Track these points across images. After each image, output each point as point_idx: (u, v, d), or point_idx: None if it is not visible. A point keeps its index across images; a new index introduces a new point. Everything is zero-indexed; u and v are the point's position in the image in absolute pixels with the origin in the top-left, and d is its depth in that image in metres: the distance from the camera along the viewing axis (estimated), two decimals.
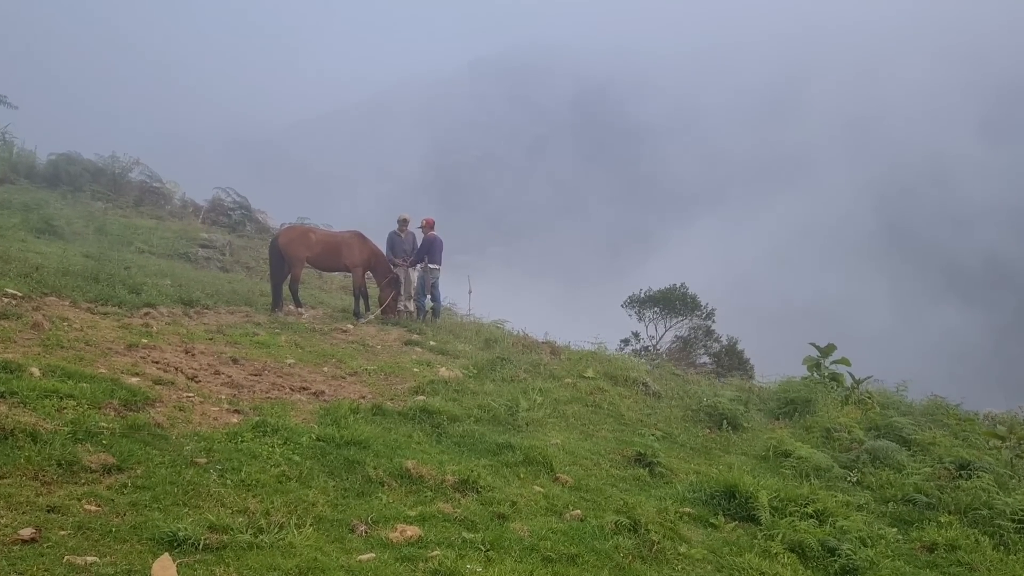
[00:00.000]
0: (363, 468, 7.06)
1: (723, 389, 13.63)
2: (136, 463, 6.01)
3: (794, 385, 14.15)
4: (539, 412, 10.37)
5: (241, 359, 10.94)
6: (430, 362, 12.80)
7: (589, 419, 10.94)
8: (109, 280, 13.91)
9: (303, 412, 8.82)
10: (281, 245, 15.19)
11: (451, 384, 11.19)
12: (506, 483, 7.65)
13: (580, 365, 14.01)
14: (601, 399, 11.91)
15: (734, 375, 26.52)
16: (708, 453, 10.23)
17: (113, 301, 12.76)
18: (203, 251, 22.18)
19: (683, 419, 11.75)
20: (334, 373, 11.25)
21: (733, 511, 7.77)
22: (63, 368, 7.85)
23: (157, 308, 13.22)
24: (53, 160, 27.14)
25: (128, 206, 26.28)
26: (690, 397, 13.14)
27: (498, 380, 12.04)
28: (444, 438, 8.71)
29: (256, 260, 23.74)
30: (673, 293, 33.50)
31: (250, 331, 12.87)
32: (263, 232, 28.67)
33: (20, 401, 6.70)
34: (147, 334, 11.10)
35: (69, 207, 23.18)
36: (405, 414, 9.20)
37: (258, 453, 6.86)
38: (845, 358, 16.57)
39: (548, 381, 12.49)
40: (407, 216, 17.10)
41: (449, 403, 10.02)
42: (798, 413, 12.90)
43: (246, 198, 30.05)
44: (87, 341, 9.62)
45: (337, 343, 13.42)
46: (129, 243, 20.41)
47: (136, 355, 9.76)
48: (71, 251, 16.99)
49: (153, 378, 8.78)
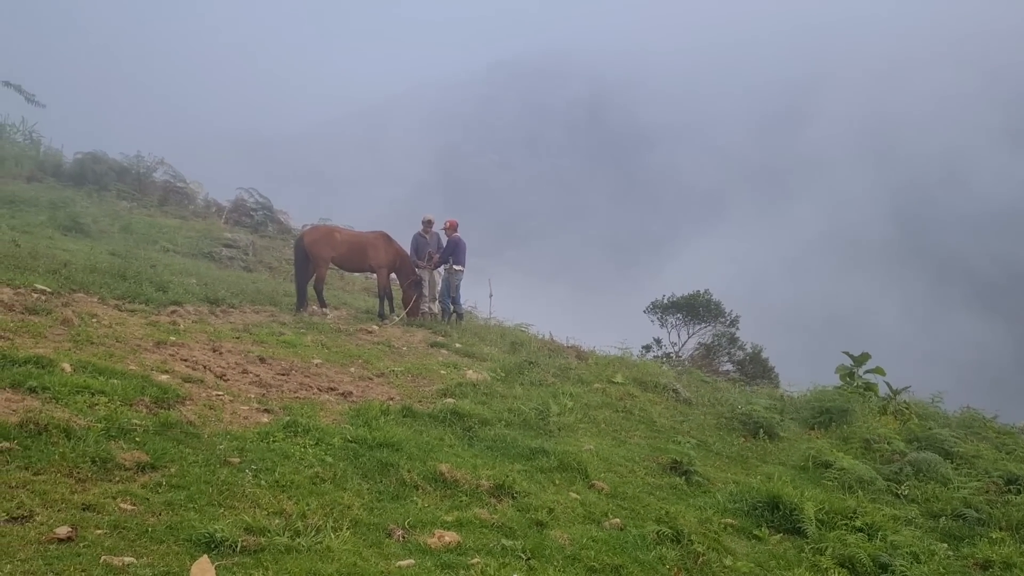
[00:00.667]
0: (397, 471, 6.88)
1: (756, 397, 13.34)
2: (170, 461, 5.86)
3: (828, 394, 13.83)
4: (570, 417, 10.16)
5: (268, 358, 10.81)
6: (456, 364, 12.63)
7: (620, 425, 10.72)
8: (136, 278, 13.86)
9: (333, 413, 8.66)
10: (306, 244, 15.08)
11: (479, 387, 11.01)
12: (541, 489, 7.45)
13: (608, 370, 13.78)
14: (632, 405, 11.68)
15: (759, 383, 26.21)
16: (744, 462, 9.97)
17: (140, 298, 12.69)
18: (227, 251, 22.16)
19: (716, 427, 11.50)
20: (361, 374, 11.10)
21: (777, 523, 7.52)
22: (94, 364, 7.74)
23: (184, 306, 13.13)
24: (79, 159, 27.25)
25: (152, 205, 26.34)
26: (722, 404, 12.88)
27: (526, 384, 11.84)
28: (476, 441, 8.52)
29: (279, 260, 23.71)
30: (697, 299, 33.16)
31: (276, 330, 12.76)
32: (285, 233, 28.65)
33: (52, 396, 6.59)
34: (175, 332, 11.00)
35: (95, 205, 23.25)
36: (435, 416, 9.02)
37: (291, 453, 6.70)
38: (879, 367, 16.24)
39: (577, 386, 12.28)
40: (431, 217, 16.94)
41: (479, 406, 9.83)
42: (834, 423, 12.60)
43: (268, 199, 30.03)
44: (116, 337, 9.52)
45: (363, 344, 13.28)
46: (154, 242, 20.41)
47: (165, 352, 9.65)
48: (98, 249, 16.98)
49: (183, 376, 8.66)
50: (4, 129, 29.80)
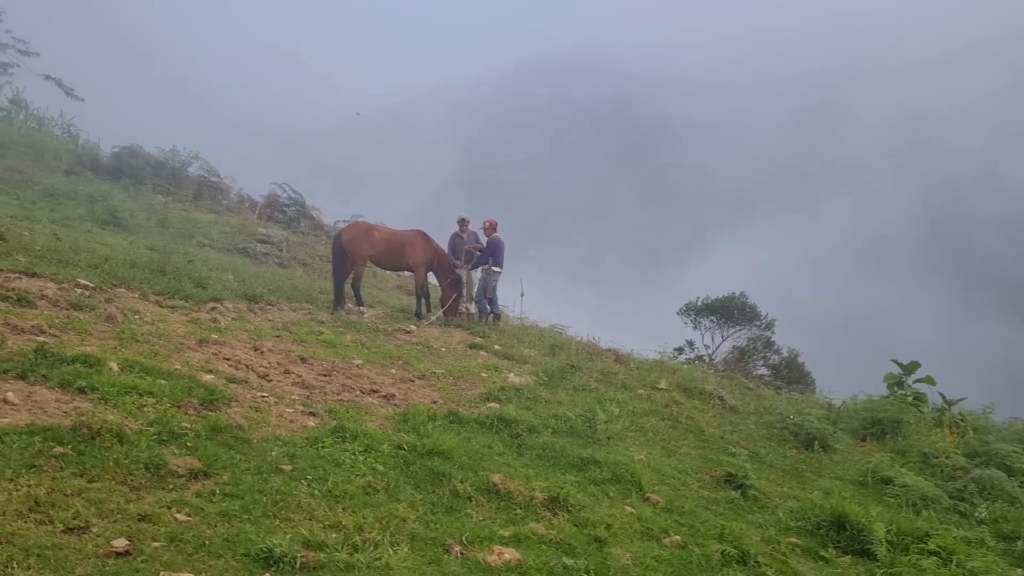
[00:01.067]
0: (449, 481, 6.66)
1: (806, 406, 12.96)
2: (222, 468, 5.67)
3: (879, 404, 13.44)
4: (617, 425, 9.89)
5: (309, 358, 10.65)
6: (497, 367, 12.39)
7: (668, 434, 10.42)
8: (175, 273, 13.77)
9: (378, 417, 8.46)
10: (344, 242, 14.89)
11: (523, 391, 10.77)
12: (596, 502, 7.19)
13: (651, 375, 13.48)
14: (678, 413, 11.38)
15: (795, 388, 25.71)
16: (799, 476, 9.63)
17: (180, 294, 12.59)
18: (261, 246, 22.09)
19: (766, 437, 11.16)
20: (402, 375, 10.91)
21: (844, 544, 7.19)
22: (140, 363, 7.60)
23: (223, 303, 13.02)
24: (116, 153, 27.33)
25: (187, 200, 26.34)
26: (769, 413, 12.54)
27: (569, 389, 11.59)
28: (525, 450, 8.27)
29: (312, 257, 23.61)
30: (731, 302, 32.63)
31: (315, 329, 12.60)
32: (317, 229, 28.59)
33: (102, 397, 6.44)
34: (216, 329, 10.87)
35: (132, 199, 23.28)
36: (482, 422, 8.79)
37: (341, 461, 6.50)
38: (930, 377, 15.73)
39: (620, 391, 11.99)
40: (467, 216, 16.66)
41: (524, 412, 9.60)
42: (887, 434, 12.21)
43: (301, 194, 29.98)
44: (159, 335, 9.39)
45: (401, 344, 13.10)
46: (190, 236, 20.39)
47: (208, 351, 9.52)
48: (136, 243, 16.96)
49: (227, 376, 8.51)
50: (43, 122, 30.05)
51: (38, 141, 26.73)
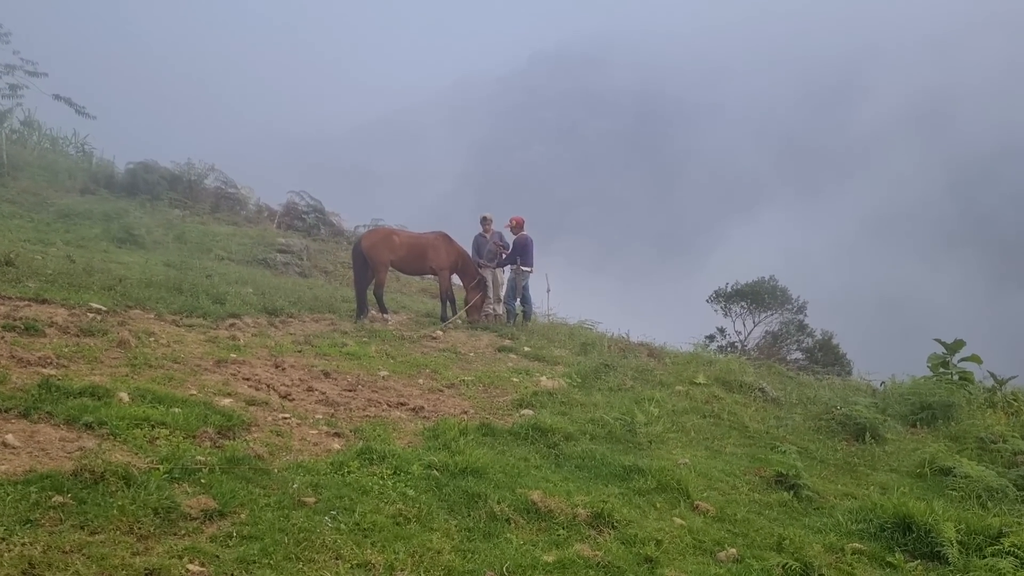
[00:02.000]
0: (485, 502, 6.21)
1: (853, 394, 12.36)
2: (239, 506, 5.26)
3: (927, 386, 12.81)
4: (658, 426, 9.39)
5: (333, 372, 10.27)
6: (528, 370, 11.95)
7: (711, 432, 9.91)
8: (192, 290, 13.46)
9: (406, 433, 8.04)
10: (365, 249, 14.49)
11: (556, 395, 10.31)
12: (643, 515, 6.71)
13: (688, 370, 12.96)
14: (720, 408, 10.85)
15: (831, 372, 25.02)
16: (853, 470, 9.09)
17: (197, 312, 12.27)
18: (281, 256, 21.81)
19: (813, 430, 10.61)
20: (430, 385, 10.50)
21: (911, 547, 6.66)
22: (153, 392, 7.22)
23: (242, 318, 12.69)
24: (131, 169, 27.18)
25: (205, 212, 26.15)
26: (814, 403, 11.97)
27: (605, 390, 11.11)
28: (563, 461, 7.81)
29: (334, 264, 23.32)
30: (762, 286, 31.95)
31: (338, 341, 12.22)
32: (337, 235, 28.29)
33: (110, 432, 6.07)
34: (235, 347, 10.52)
35: (148, 215, 23.10)
36: (516, 433, 8.34)
37: (368, 488, 6.08)
38: (976, 355, 15.09)
39: (658, 389, 11.49)
40: (490, 215, 16.19)
41: (559, 418, 9.14)
42: (938, 419, 11.61)
43: (320, 201, 29.69)
44: (175, 358, 9.03)
45: (428, 351, 12.69)
46: (208, 250, 20.13)
47: (226, 371, 9.15)
48: (152, 260, 16.70)
49: (246, 398, 8.13)
50: (57, 142, 29.99)
51: (52, 162, 26.64)
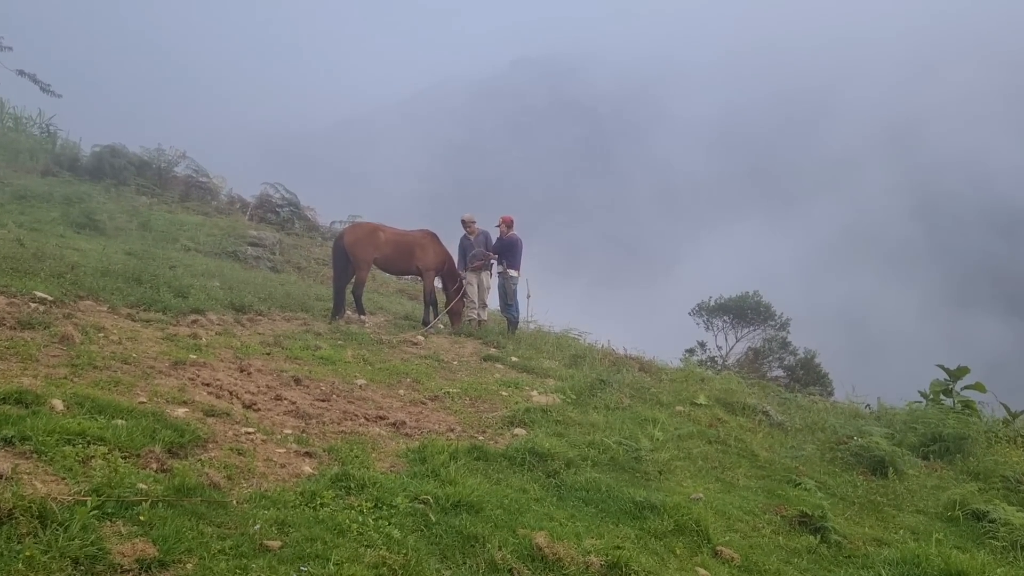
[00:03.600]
0: (483, 547, 5.25)
1: (854, 419, 11.52)
2: (185, 552, 4.23)
3: (936, 416, 12.05)
4: (664, 453, 8.47)
5: (304, 379, 9.24)
6: (517, 383, 10.98)
7: (720, 461, 9.02)
8: (153, 281, 12.36)
9: (387, 454, 7.06)
10: (347, 245, 13.42)
11: (550, 413, 9.36)
12: (662, 565, 5.78)
13: (687, 389, 12.09)
14: (725, 434, 9.98)
15: (812, 391, 24.37)
16: (878, 510, 8.23)
17: (157, 306, 11.20)
18: (252, 250, 20.66)
19: (827, 460, 9.76)
20: (412, 396, 9.51)
21: None
22: (93, 399, 6.16)
23: (206, 314, 11.61)
24: (97, 152, 25.88)
25: (174, 201, 24.97)
26: (822, 430, 11.14)
27: (601, 408, 10.18)
28: (566, 493, 6.86)
29: (308, 260, 22.20)
30: (746, 301, 31.37)
31: (311, 343, 11.18)
32: (312, 230, 27.21)
33: (34, 450, 5.00)
34: (196, 347, 9.45)
35: (112, 201, 21.85)
36: (511, 457, 7.38)
37: (345, 527, 5.08)
38: (980, 383, 14.38)
39: (657, 409, 10.60)
40: (469, 216, 15.06)
41: (556, 440, 8.20)
42: (951, 452, 10.82)
43: (295, 194, 28.55)
44: (125, 358, 7.96)
45: (408, 358, 11.69)
46: (175, 240, 18.97)
47: (183, 375, 8.09)
48: (112, 248, 15.53)
49: (204, 407, 7.09)
50: (20, 121, 28.54)
51: (13, 141, 25.25)
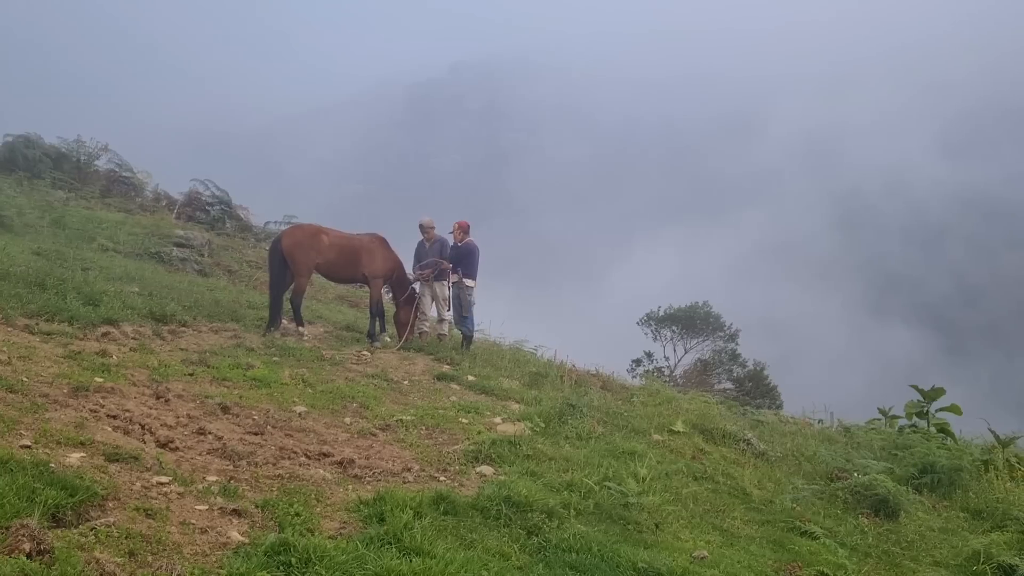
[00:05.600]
0: None
1: (858, 455, 10.64)
2: None
3: (917, 442, 11.34)
4: (654, 497, 7.38)
5: (233, 406, 7.89)
6: (476, 407, 9.79)
7: (712, 502, 7.98)
8: (59, 286, 10.79)
9: (335, 507, 5.80)
10: (286, 248, 11.96)
11: (518, 446, 8.17)
12: None
13: (660, 413, 11.08)
14: (712, 468, 8.97)
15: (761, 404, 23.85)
16: (895, 564, 7.28)
17: (62, 315, 9.70)
18: (178, 251, 18.93)
19: (824, 499, 8.82)
20: (359, 426, 8.23)
21: None
22: None
23: (120, 326, 10.12)
24: (9, 142, 23.80)
25: (93, 196, 23.09)
26: (808, 460, 10.25)
27: (573, 438, 9.05)
28: (553, 557, 5.70)
29: (240, 263, 20.54)
30: (695, 311, 30.84)
31: (242, 360, 9.79)
32: (245, 231, 25.53)
33: None
34: (104, 368, 8.02)
35: (23, 195, 19.90)
36: (484, 510, 6.18)
37: None
38: (956, 405, 13.75)
39: (632, 438, 9.53)
40: (429, 220, 13.69)
41: (529, 482, 7.04)
42: (943, 485, 10.04)
43: (227, 192, 26.79)
44: (10, 385, 6.50)
45: (353, 377, 10.39)
46: (91, 239, 17.19)
47: (85, 405, 6.69)
48: (17, 247, 13.80)
49: (107, 449, 5.73)
50: None
51: None
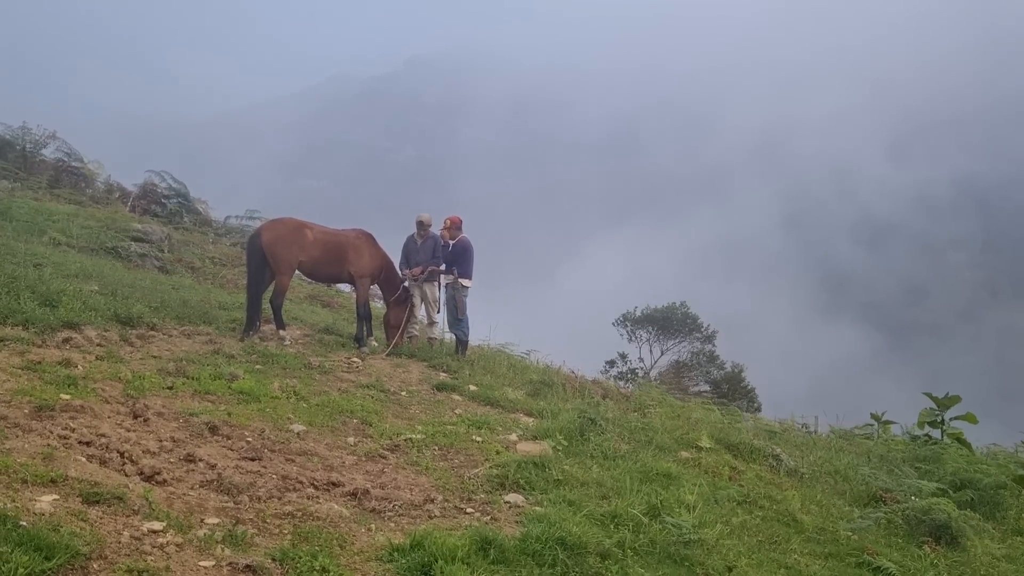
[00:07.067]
0: None
1: (904, 474, 9.88)
2: None
3: (949, 454, 10.70)
4: (710, 530, 6.50)
5: (223, 425, 6.83)
6: (486, 422, 8.80)
7: (764, 532, 7.14)
8: (11, 284, 9.54)
9: (363, 557, 4.83)
10: (266, 244, 10.78)
11: (545, 468, 7.24)
12: None
13: (679, 427, 10.23)
14: (755, 492, 8.12)
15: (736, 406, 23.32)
16: None
17: (16, 318, 8.49)
18: (137, 246, 17.53)
19: (881, 527, 8.03)
20: (366, 447, 7.22)
21: None
22: None
23: (82, 330, 8.94)
24: None
25: (41, 187, 21.51)
26: (845, 479, 9.49)
27: (599, 457, 8.13)
28: None
29: (202, 259, 19.17)
30: (672, 312, 30.21)
31: (224, 370, 8.66)
32: (204, 225, 24.16)
33: None
34: (69, 381, 6.87)
35: None
36: (536, 554, 5.23)
37: None
38: (971, 414, 13.20)
39: (660, 457, 8.65)
40: (427, 217, 12.44)
41: (567, 511, 6.16)
42: (984, 504, 9.37)
43: (184, 184, 25.37)
44: None
45: (347, 388, 9.34)
46: (41, 232, 15.76)
47: (52, 429, 5.59)
48: None
49: (83, 488, 4.66)
50: None
51: None
